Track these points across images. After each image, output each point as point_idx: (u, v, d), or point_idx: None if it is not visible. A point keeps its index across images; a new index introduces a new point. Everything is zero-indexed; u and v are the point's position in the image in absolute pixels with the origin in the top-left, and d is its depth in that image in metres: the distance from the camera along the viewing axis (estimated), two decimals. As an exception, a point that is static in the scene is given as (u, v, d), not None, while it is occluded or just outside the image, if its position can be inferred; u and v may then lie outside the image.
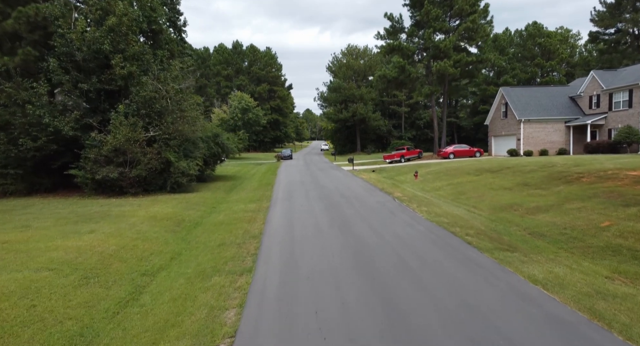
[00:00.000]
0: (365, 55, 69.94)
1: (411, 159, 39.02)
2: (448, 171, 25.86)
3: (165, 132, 19.86)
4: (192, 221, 14.34)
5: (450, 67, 32.16)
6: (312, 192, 20.05)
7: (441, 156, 36.01)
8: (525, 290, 6.88)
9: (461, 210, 15.22)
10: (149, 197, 18.89)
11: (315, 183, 23.99)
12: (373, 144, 73.68)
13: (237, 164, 47.73)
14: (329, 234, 11.26)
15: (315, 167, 36.92)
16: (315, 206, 16.04)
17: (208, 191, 22.23)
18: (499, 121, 35.43)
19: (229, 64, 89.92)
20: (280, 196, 19.39)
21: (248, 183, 25.99)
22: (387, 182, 24.88)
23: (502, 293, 6.71)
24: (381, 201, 16.88)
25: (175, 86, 21.21)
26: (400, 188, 21.61)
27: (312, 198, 18.36)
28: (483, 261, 8.56)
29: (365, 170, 33.73)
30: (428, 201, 17.06)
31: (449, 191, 20.04)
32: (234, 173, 34.13)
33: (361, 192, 19.83)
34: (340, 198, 18.06)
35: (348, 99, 68.05)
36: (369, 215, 13.79)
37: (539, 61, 66.49)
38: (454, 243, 10.16)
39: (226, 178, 29.61)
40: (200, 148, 22.59)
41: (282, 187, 22.57)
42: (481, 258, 8.81)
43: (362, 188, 21.55)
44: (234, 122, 59.23)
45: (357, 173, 30.57)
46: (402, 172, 30.17)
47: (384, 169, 33.73)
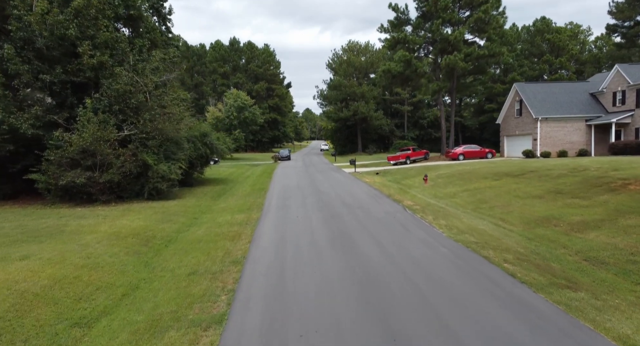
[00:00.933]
0: (367, 51, 67.65)
1: (417, 161, 36.71)
2: (461, 174, 23.55)
3: (143, 131, 17.55)
4: (165, 238, 12.01)
5: (461, 61, 29.87)
6: (310, 199, 17.74)
7: (450, 157, 33.71)
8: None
9: (487, 224, 12.91)
10: (122, 206, 16.55)
11: (313, 187, 21.68)
12: (375, 145, 71.40)
13: (231, 165, 45.40)
14: (330, 258, 8.97)
15: (314, 169, 34.61)
16: (313, 218, 13.73)
17: (193, 197, 19.91)
18: (512, 119, 33.14)
19: (225, 61, 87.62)
20: (274, 204, 17.08)
21: (239, 188, 23.68)
22: (393, 187, 22.58)
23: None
24: (390, 211, 14.58)
25: (156, 78, 18.89)
26: (410, 195, 19.29)
27: (310, 206, 16.05)
28: (541, 307, 6.25)
29: (368, 173, 31.44)
30: (445, 212, 14.75)
31: (467, 198, 17.72)
32: (226, 176, 31.81)
33: (365, 199, 17.52)
34: (342, 206, 15.75)
35: (349, 98, 65.76)
36: (377, 231, 11.48)
37: (548, 58, 64.29)
38: (491, 273, 7.86)
39: (216, 182, 27.29)
40: (184, 149, 20.27)
41: (276, 193, 20.26)
42: (536, 300, 6.50)
43: (366, 194, 19.24)
44: (229, 122, 56.91)
45: (360, 176, 28.28)
46: (409, 175, 27.86)
47: (388, 171, 31.43)
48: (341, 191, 20.20)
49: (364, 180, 25.62)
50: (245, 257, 9.54)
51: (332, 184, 22.99)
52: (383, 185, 22.95)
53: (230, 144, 28.98)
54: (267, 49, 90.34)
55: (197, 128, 23.91)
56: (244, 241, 11.20)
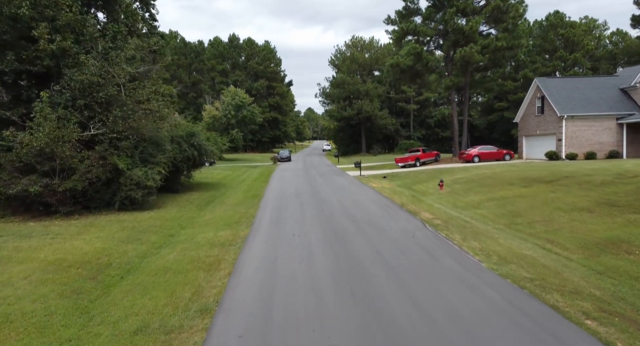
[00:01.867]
0: (372, 47, 65.07)
1: (427, 163, 34.12)
2: (482, 179, 20.95)
3: (114, 130, 15.05)
4: (123, 266, 9.49)
5: (477, 53, 27.30)
6: (310, 210, 15.19)
7: (464, 159, 31.10)
8: None
9: (532, 247, 10.32)
10: (86, 219, 14.05)
11: (314, 194, 19.13)
12: (379, 145, 68.80)
13: (227, 167, 42.92)
14: (336, 312, 6.41)
15: (315, 172, 32.06)
16: (313, 238, 11.19)
17: (175, 206, 17.39)
18: (532, 118, 30.48)
19: (224, 59, 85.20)
20: (267, 216, 14.55)
21: (231, 195, 21.16)
22: (405, 194, 20.02)
23: None
24: (407, 229, 12.02)
25: (131, 69, 16.39)
26: (426, 204, 16.73)
27: (310, 220, 13.51)
28: None
29: (375, 176, 28.87)
30: (474, 229, 12.17)
31: (495, 210, 15.13)
32: (219, 180, 29.30)
33: (375, 210, 14.96)
34: (348, 220, 13.20)
35: (352, 96, 63.19)
36: (394, 259, 8.92)
37: (562, 54, 61.55)
38: (575, 343, 5.29)
39: (206, 187, 24.78)
40: (166, 151, 17.76)
41: (272, 201, 17.73)
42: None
43: (374, 203, 16.68)
44: (226, 121, 54.44)
45: (366, 180, 25.72)
46: (421, 179, 25.27)
47: (397, 175, 28.84)
48: (346, 199, 17.64)
49: (370, 185, 23.06)
50: (219, 302, 7.02)
51: (336, 191, 20.44)
52: (393, 192, 20.38)
53: (222, 145, 26.45)
54: (268, 45, 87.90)
55: (184, 127, 21.39)
56: (222, 273, 8.68)
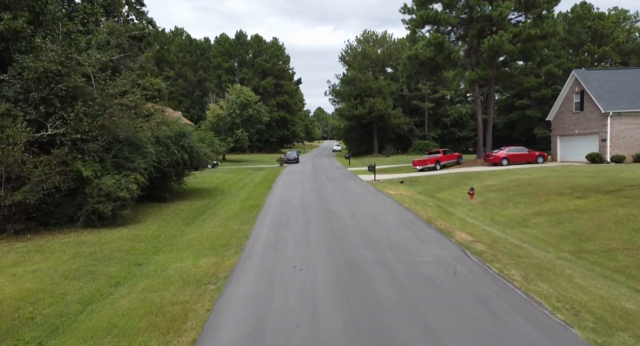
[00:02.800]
0: (384, 42, 62.03)
1: (448, 166, 31.05)
2: (519, 187, 17.91)
3: (78, 130, 12.42)
4: (50, 322, 6.77)
5: (507, 42, 24.20)
6: (317, 228, 12.37)
7: (490, 161, 27.98)
8: None
9: (631, 295, 7.35)
10: (39, 240, 11.43)
11: (323, 206, 16.30)
12: (392, 145, 65.76)
13: (230, 169, 40.35)
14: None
15: (324, 176, 29.22)
16: (319, 273, 8.40)
17: (157, 220, 14.73)
18: (568, 115, 27.23)
19: (231, 56, 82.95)
20: (264, 236, 11.77)
21: (227, 204, 18.44)
22: (429, 204, 17.09)
23: None
24: (442, 258, 9.15)
25: (104, 57, 13.77)
26: (458, 219, 13.79)
27: (316, 242, 10.69)
28: None
29: (391, 181, 25.94)
30: (532, 259, 9.24)
31: (549, 228, 12.13)
32: (218, 185, 26.65)
33: (397, 228, 12.10)
34: (365, 244, 10.36)
35: (364, 93, 60.23)
36: (437, 316, 6.04)
37: (589, 47, 57.78)
38: None
39: (201, 194, 22.13)
40: (148, 154, 15.10)
41: (272, 214, 14.96)
42: None
43: (395, 217, 13.80)
44: (231, 120, 51.95)
45: (382, 187, 22.81)
46: (445, 185, 22.29)
47: (415, 179, 25.87)
48: (360, 212, 14.78)
49: (387, 193, 20.17)
50: None
51: (348, 200, 17.57)
52: (415, 202, 17.45)
53: (220, 147, 23.71)
54: (276, 42, 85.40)
55: (175, 127, 18.75)
56: (184, 339, 5.92)
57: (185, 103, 79.04)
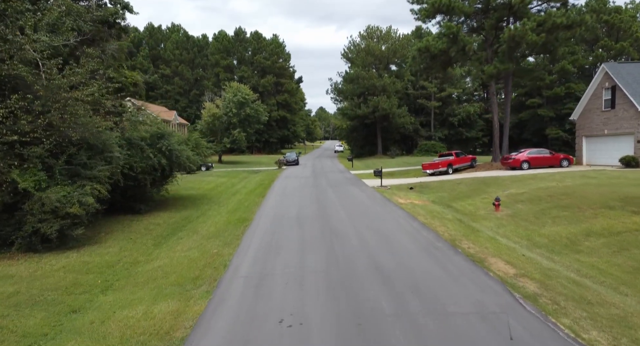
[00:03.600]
0: (389, 38, 59.46)
1: (461, 169, 28.47)
2: (552, 196, 15.35)
3: (17, 130, 9.96)
4: None
5: (531, 31, 21.61)
6: (315, 255, 9.85)
7: (508, 165, 25.42)
8: None
9: None
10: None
11: (323, 221, 13.79)
12: (397, 146, 63.17)
13: (224, 172, 37.89)
14: None
15: (325, 181, 26.70)
16: (314, 338, 5.90)
17: (121, 240, 12.26)
18: (597, 114, 24.65)
19: (229, 53, 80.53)
20: (246, 266, 9.29)
21: (211, 217, 15.95)
22: (447, 217, 14.58)
23: None
24: (485, 307, 6.64)
25: (56, 41, 11.31)
26: (487, 239, 11.28)
27: (312, 278, 8.19)
28: None
29: (400, 187, 23.42)
30: (612, 310, 6.71)
31: (610, 255, 9.60)
32: (207, 191, 24.15)
33: (416, 255, 9.59)
34: (378, 283, 7.83)
35: (367, 92, 57.68)
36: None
37: (605, 43, 55.05)
38: None
39: (185, 203, 19.63)
40: (114, 159, 12.63)
41: (261, 233, 12.46)
42: None
43: (411, 238, 11.28)
44: (227, 119, 49.48)
45: (390, 194, 20.30)
46: (461, 193, 19.75)
47: (426, 185, 23.33)
48: (369, 230, 12.26)
49: (397, 202, 17.66)
50: None
51: (353, 213, 15.05)
52: (431, 214, 14.94)
53: (206, 151, 21.20)
54: (276, 39, 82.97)
55: (150, 127, 16.28)
56: None
57: (182, 102, 76.68)
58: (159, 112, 57.18)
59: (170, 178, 18.24)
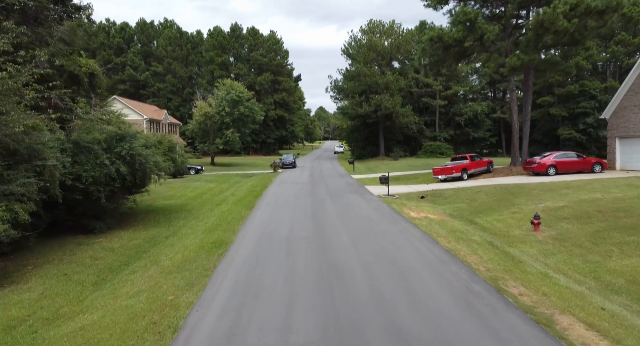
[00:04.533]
0: (392, 33, 56.59)
1: (476, 175, 25.57)
2: (605, 213, 12.46)
3: None
4: None
5: (562, 16, 18.68)
6: (305, 304, 6.91)
7: (532, 170, 22.55)
8: None
9: None
10: None
11: (319, 248, 10.84)
12: (400, 147, 60.24)
13: (215, 176, 34.99)
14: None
15: (324, 189, 23.81)
16: None
17: (50, 278, 9.36)
18: (635, 112, 21.75)
19: (224, 50, 77.62)
20: (206, 329, 6.37)
21: (183, 237, 13.03)
22: (475, 239, 11.67)
23: None
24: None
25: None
26: (540, 278, 8.38)
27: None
28: None
29: (409, 196, 20.54)
30: None
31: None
32: (189, 200, 21.23)
33: (448, 305, 6.66)
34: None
35: (370, 89, 54.81)
36: None
37: (623, 37, 52.10)
38: None
39: (157, 217, 16.71)
40: (47, 169, 9.73)
41: (239, 264, 9.55)
42: None
43: (437, 274, 8.36)
44: (220, 119, 46.55)
45: (399, 205, 17.41)
46: (483, 204, 16.86)
47: (440, 194, 20.45)
48: (379, 262, 9.35)
49: (409, 216, 14.80)
50: None
51: (357, 235, 12.12)
52: (453, 234, 12.05)
53: (182, 156, 18.24)
54: (273, 35, 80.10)
55: (108, 128, 13.35)
56: None
57: (175, 101, 73.75)
58: (148, 111, 54.38)
59: (140, 188, 15.31)
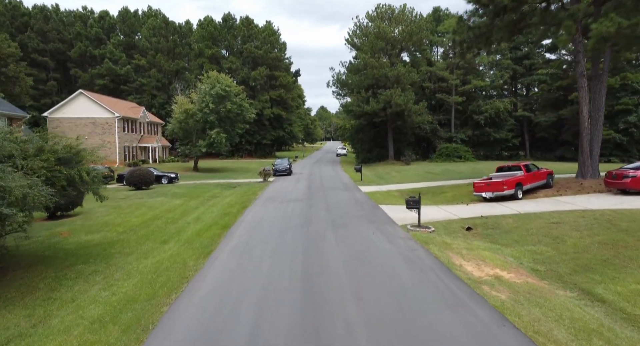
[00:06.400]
0: (403, 20, 50.24)
1: (532, 190, 19.10)
2: None
3: None
4: None
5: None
6: None
7: (623, 187, 16.16)
8: None
9: None
10: None
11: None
12: (411, 150, 53.86)
13: (192, 186, 28.64)
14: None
15: (324, 210, 17.43)
16: None
17: None
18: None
19: (215, 42, 71.42)
20: None
21: (47, 336, 6.69)
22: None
23: None
24: None
25: None
26: None
27: None
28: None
29: (446, 224, 14.20)
30: None
31: None
32: (128, 230, 14.82)
33: None
34: None
35: (378, 83, 48.50)
36: None
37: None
38: None
39: (45, 273, 10.32)
40: None
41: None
42: None
43: None
44: (202, 116, 40.24)
45: (440, 248, 11.06)
46: (579, 248, 10.50)
47: (495, 223, 14.08)
48: None
49: (464, 274, 8.50)
50: None
51: (386, 334, 5.76)
52: (576, 334, 5.68)
53: (94, 171, 11.62)
54: (270, 26, 73.89)
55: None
56: None
57: (160, 98, 67.51)
58: (121, 108, 47.94)
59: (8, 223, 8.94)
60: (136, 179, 26.53)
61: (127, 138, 45.56)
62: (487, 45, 18.92)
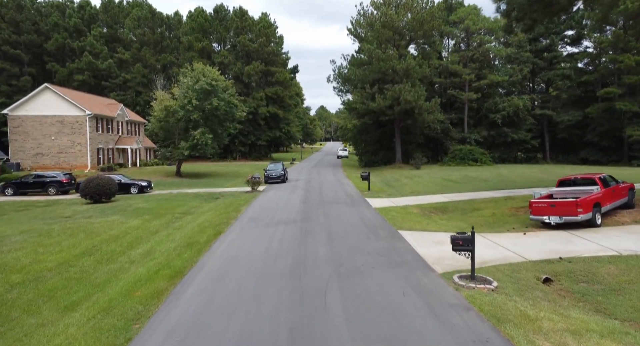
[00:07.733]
0: (412, 6, 45.54)
1: (610, 212, 14.26)
2: None
3: None
4: None
5: None
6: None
7: None
8: None
9: None
10: None
11: None
12: (420, 152, 49.11)
13: (161, 199, 23.81)
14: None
15: (324, 239, 12.63)
16: None
17: None
18: None
19: (206, 34, 66.66)
20: None
21: None
22: None
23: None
24: None
25: None
26: None
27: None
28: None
29: (510, 270, 9.42)
30: None
31: None
32: (49, 268, 10.04)
33: None
34: None
35: (384, 78, 43.79)
36: None
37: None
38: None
39: None
40: None
41: None
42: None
43: None
44: (185, 114, 35.47)
45: (521, 331, 6.21)
46: None
47: (586, 271, 9.34)
48: None
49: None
50: None
51: None
52: None
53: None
54: (265, 18, 69.20)
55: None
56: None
57: (145, 95, 62.60)
58: (95, 105, 43.03)
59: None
60: (93, 190, 21.77)
61: (101, 139, 40.77)
62: (546, 14, 14.14)
